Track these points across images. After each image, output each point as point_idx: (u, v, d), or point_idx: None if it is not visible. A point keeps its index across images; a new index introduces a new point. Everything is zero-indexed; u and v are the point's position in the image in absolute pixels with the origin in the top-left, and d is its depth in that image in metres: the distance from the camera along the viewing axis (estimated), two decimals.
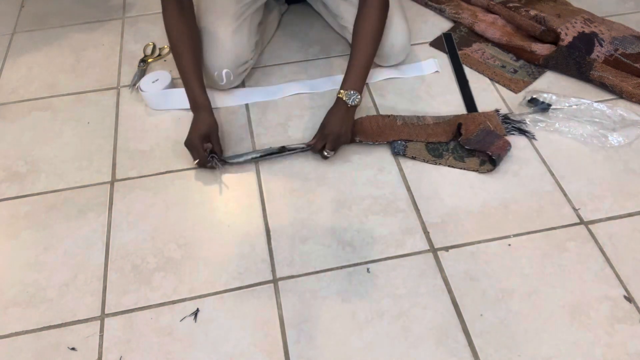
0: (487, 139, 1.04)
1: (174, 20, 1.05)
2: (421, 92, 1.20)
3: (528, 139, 1.09)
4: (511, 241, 0.93)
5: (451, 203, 0.99)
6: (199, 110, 1.04)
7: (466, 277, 0.89)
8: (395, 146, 1.07)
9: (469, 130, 1.07)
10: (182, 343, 0.82)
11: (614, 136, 1.08)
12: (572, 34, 1.24)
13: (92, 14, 1.48)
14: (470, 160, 1.05)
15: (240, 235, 0.96)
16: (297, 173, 1.05)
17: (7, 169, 1.09)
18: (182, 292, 0.88)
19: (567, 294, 0.86)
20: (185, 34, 1.05)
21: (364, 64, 1.06)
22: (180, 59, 1.06)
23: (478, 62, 1.26)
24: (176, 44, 1.05)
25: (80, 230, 0.97)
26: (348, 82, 1.04)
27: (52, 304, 0.88)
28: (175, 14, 1.04)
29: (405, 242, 0.94)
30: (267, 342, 0.82)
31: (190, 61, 1.06)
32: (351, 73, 1.05)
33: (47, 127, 1.17)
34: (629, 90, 1.14)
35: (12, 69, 1.32)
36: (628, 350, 0.80)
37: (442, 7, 1.40)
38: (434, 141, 1.07)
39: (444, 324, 0.83)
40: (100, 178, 1.06)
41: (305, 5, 1.42)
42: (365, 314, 0.85)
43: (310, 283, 0.89)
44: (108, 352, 0.82)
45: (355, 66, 1.05)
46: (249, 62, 1.19)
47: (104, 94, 1.24)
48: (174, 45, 1.06)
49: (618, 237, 0.93)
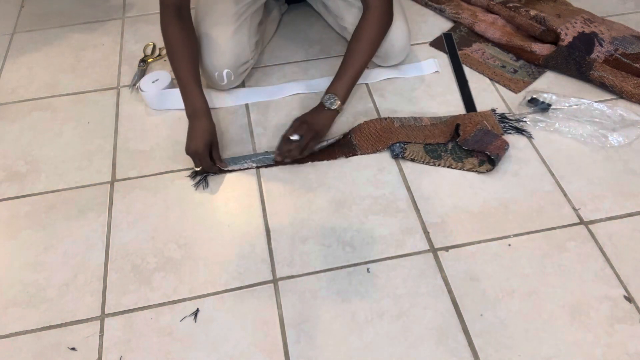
0: (485, 139, 1.04)
1: (171, 26, 1.04)
2: (421, 92, 1.20)
3: (527, 138, 1.09)
4: (511, 241, 0.93)
5: (451, 203, 0.99)
6: (199, 116, 1.02)
7: (466, 277, 0.89)
8: (394, 149, 1.07)
9: (467, 130, 1.07)
10: (182, 343, 0.82)
11: (614, 136, 1.08)
12: (572, 34, 1.24)
13: (92, 14, 1.48)
14: (469, 161, 1.05)
15: (240, 235, 0.96)
16: (297, 173, 1.05)
17: (7, 169, 1.09)
18: (182, 292, 0.88)
19: (567, 294, 0.86)
20: (183, 40, 1.05)
21: (354, 73, 1.06)
22: (177, 65, 1.04)
23: (478, 62, 1.26)
24: (173, 50, 1.04)
25: (80, 230, 0.97)
26: (332, 87, 1.05)
27: (52, 304, 0.88)
28: (173, 20, 1.04)
29: (405, 242, 0.94)
30: (267, 342, 0.82)
31: (188, 67, 1.04)
32: (338, 79, 1.06)
33: (47, 127, 1.17)
34: (629, 90, 1.14)
35: (12, 69, 1.32)
36: (628, 350, 0.80)
37: (442, 7, 1.40)
38: (432, 142, 1.07)
39: (444, 324, 0.83)
40: (100, 178, 1.06)
41: (305, 5, 1.42)
42: (365, 314, 0.85)
43: (310, 283, 0.89)
44: (108, 352, 0.82)
45: (344, 73, 1.06)
46: (249, 62, 1.19)
47: (104, 94, 1.24)
48: (172, 51, 1.05)
49: (618, 237, 0.93)
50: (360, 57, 1.07)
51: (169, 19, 1.04)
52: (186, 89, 1.04)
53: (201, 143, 1.00)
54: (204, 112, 1.03)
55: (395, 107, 1.17)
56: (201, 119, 1.02)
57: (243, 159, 1.07)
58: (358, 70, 1.07)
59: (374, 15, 1.06)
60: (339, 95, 1.05)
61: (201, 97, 1.04)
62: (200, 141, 1.00)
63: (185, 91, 1.04)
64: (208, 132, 1.01)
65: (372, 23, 1.07)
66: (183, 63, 1.04)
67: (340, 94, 1.05)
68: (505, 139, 1.06)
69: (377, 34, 1.08)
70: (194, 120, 1.03)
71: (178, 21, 1.04)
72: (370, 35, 1.07)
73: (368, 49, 1.07)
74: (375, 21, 1.07)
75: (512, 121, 1.11)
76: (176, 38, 1.04)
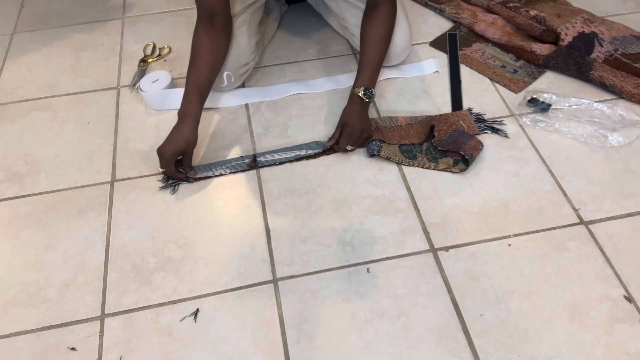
0: (459, 140, 1.05)
1: (198, 33, 1.04)
2: (421, 92, 1.20)
3: (526, 138, 1.09)
4: (511, 241, 0.93)
5: (451, 203, 0.99)
6: (185, 121, 1.00)
7: (466, 277, 0.89)
8: (370, 147, 1.07)
9: (442, 131, 1.07)
10: (182, 343, 0.82)
11: (614, 136, 1.08)
12: (572, 34, 1.24)
13: (92, 14, 1.48)
14: (444, 161, 1.05)
15: (240, 235, 0.96)
16: (297, 173, 1.05)
17: (7, 169, 1.09)
18: (182, 292, 0.88)
19: (567, 294, 0.86)
20: (205, 47, 1.04)
21: (375, 66, 1.08)
22: (191, 68, 1.03)
23: (478, 62, 1.26)
24: (193, 54, 1.04)
25: (80, 230, 0.97)
26: (361, 80, 1.06)
27: (52, 304, 0.88)
28: (203, 27, 1.04)
29: (405, 242, 0.94)
30: (267, 342, 0.82)
31: (201, 72, 1.03)
32: (364, 72, 1.07)
33: (47, 127, 1.17)
34: (629, 90, 1.14)
35: (12, 69, 1.32)
36: (628, 350, 0.80)
37: (442, 7, 1.40)
38: (407, 143, 1.08)
39: (444, 324, 0.83)
40: (100, 178, 1.06)
41: (305, 5, 1.42)
42: (365, 313, 0.85)
43: (310, 283, 0.89)
44: (108, 352, 0.82)
45: (367, 65, 1.07)
46: (249, 64, 1.19)
47: (104, 94, 1.24)
48: (192, 56, 1.04)
49: (618, 237, 0.93)
50: (377, 52, 1.09)
51: (200, 25, 1.04)
52: (188, 92, 1.02)
53: (171, 149, 0.98)
54: (192, 119, 1.00)
55: (395, 107, 1.17)
56: (186, 125, 1.00)
57: (217, 165, 1.06)
58: (379, 64, 1.09)
59: (383, 11, 1.08)
60: (372, 85, 1.07)
61: (197, 105, 1.02)
62: (171, 148, 0.98)
63: (187, 94, 1.03)
64: (184, 141, 0.99)
65: (381, 17, 1.08)
66: (198, 68, 1.03)
67: (372, 85, 1.07)
68: (481, 139, 1.07)
69: (390, 28, 1.11)
70: (179, 123, 1.01)
71: (207, 28, 1.04)
72: (382, 29, 1.09)
73: (382, 44, 1.10)
74: (385, 17, 1.09)
75: (487, 121, 1.12)
76: (199, 44, 1.04)
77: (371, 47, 1.08)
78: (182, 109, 1.02)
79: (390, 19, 1.10)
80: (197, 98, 1.02)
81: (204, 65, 1.04)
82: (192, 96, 1.02)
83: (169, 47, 1.34)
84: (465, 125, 1.10)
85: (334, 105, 1.17)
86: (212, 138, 1.12)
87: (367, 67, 1.07)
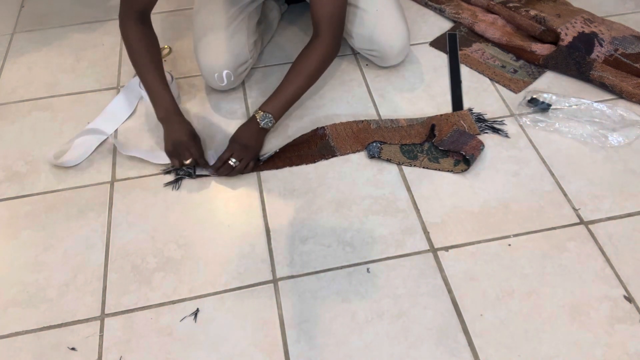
0: (460, 140, 1.05)
1: (132, 31, 1.02)
2: (421, 92, 1.20)
3: (526, 138, 1.09)
4: (511, 241, 0.93)
5: (451, 203, 0.99)
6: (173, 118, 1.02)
7: (466, 277, 0.89)
8: (370, 148, 1.07)
9: (443, 131, 1.07)
10: (182, 343, 0.82)
11: (614, 136, 1.08)
12: (572, 34, 1.24)
13: (91, 14, 1.48)
14: (445, 161, 1.05)
15: (240, 235, 0.96)
16: (297, 173, 1.05)
17: (7, 169, 1.09)
18: (182, 292, 0.88)
19: (567, 294, 0.86)
20: (146, 45, 1.03)
21: (289, 97, 1.05)
22: (142, 69, 1.03)
23: (478, 62, 1.26)
24: (137, 55, 1.03)
25: (80, 230, 0.97)
26: (268, 105, 1.04)
27: (52, 304, 0.88)
28: (135, 25, 1.02)
29: (405, 242, 0.94)
30: (267, 342, 0.82)
31: (153, 71, 1.03)
32: (274, 98, 1.04)
33: (47, 127, 1.17)
34: (629, 90, 1.14)
35: (12, 69, 1.32)
36: (628, 350, 0.80)
37: (442, 7, 1.40)
38: (408, 143, 1.08)
39: (444, 324, 0.83)
40: (100, 178, 1.06)
41: (305, 5, 1.41)
42: (365, 314, 0.85)
43: (310, 283, 0.89)
44: (108, 352, 0.82)
45: (281, 94, 1.05)
46: (248, 62, 1.19)
47: (104, 94, 1.24)
48: (135, 56, 1.03)
49: (618, 237, 0.93)
50: (300, 82, 1.05)
51: (131, 23, 1.02)
52: (155, 94, 1.03)
53: (184, 135, 1.00)
54: (177, 113, 1.03)
55: (395, 107, 1.17)
56: (177, 119, 1.02)
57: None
58: (295, 95, 1.06)
59: (321, 46, 1.05)
60: (275, 115, 1.04)
61: (171, 100, 1.03)
62: (182, 133, 1.00)
63: (154, 95, 1.03)
64: (187, 129, 1.02)
65: (317, 54, 1.05)
66: (148, 68, 1.03)
67: (275, 114, 1.04)
68: (481, 139, 1.07)
69: (320, 65, 1.07)
70: (168, 123, 1.02)
71: (140, 26, 1.03)
72: (312, 65, 1.06)
73: (308, 78, 1.06)
74: (319, 53, 1.06)
75: (488, 121, 1.12)
76: (139, 43, 1.03)
77: (295, 78, 1.05)
78: (160, 111, 1.03)
79: (326, 59, 1.07)
80: (167, 95, 1.03)
81: (154, 64, 1.03)
82: (163, 95, 1.03)
83: (169, 47, 1.34)
84: (466, 125, 1.10)
85: (335, 106, 1.18)
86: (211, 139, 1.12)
87: (280, 95, 1.05)
